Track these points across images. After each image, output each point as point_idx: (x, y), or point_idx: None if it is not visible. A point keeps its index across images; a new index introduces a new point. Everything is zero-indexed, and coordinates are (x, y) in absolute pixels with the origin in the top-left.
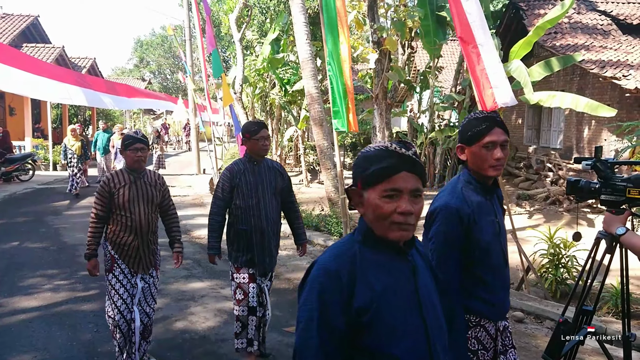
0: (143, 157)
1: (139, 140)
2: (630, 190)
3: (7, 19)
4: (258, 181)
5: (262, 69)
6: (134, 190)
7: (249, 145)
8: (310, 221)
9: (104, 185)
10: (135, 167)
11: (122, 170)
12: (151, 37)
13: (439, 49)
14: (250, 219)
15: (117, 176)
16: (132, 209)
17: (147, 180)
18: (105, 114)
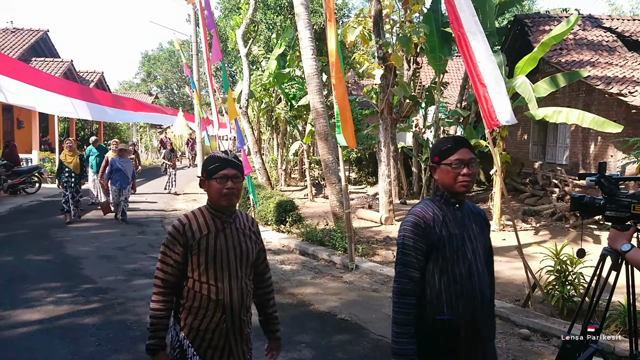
0: (237, 190)
1: (231, 164)
2: (635, 206)
3: (17, 33)
4: (465, 235)
5: (268, 83)
6: (222, 243)
7: (439, 175)
8: (314, 235)
9: (176, 233)
10: (224, 206)
11: (203, 210)
12: (158, 52)
13: (444, 64)
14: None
15: (195, 219)
16: (220, 273)
17: (239, 225)
18: (112, 127)
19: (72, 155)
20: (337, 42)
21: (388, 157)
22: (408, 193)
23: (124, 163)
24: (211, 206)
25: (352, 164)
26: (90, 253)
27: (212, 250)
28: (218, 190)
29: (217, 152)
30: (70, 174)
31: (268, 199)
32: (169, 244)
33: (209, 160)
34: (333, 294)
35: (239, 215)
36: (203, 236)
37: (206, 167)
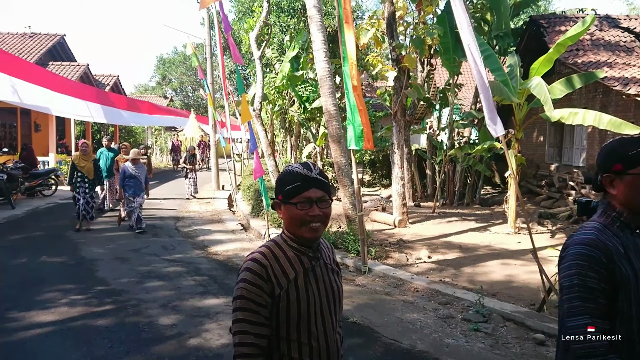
0: (325, 217)
1: (316, 183)
2: None
3: (35, 38)
4: None
5: (282, 86)
6: (313, 288)
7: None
8: (327, 238)
9: (259, 279)
10: (307, 238)
11: (280, 243)
12: (173, 55)
13: (458, 66)
14: None
15: (275, 257)
16: (315, 328)
17: (326, 259)
18: (128, 130)
19: (86, 159)
20: (353, 42)
21: (402, 159)
22: (422, 195)
23: (137, 169)
24: (291, 238)
25: (365, 166)
26: (105, 255)
27: (305, 298)
28: (300, 219)
29: (296, 166)
30: (84, 178)
31: None
32: (250, 296)
33: (286, 177)
34: (345, 297)
35: (323, 246)
36: (291, 281)
37: (282, 186)
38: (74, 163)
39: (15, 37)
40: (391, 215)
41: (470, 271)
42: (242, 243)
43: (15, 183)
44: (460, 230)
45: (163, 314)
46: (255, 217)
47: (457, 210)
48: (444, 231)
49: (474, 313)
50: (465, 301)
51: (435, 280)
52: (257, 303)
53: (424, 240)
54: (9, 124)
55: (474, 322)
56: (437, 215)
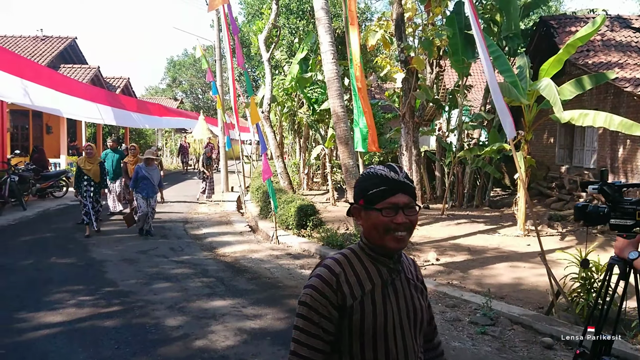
0: (412, 225)
1: (404, 187)
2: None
3: (46, 41)
4: None
5: (290, 88)
6: (392, 303)
7: None
8: (335, 240)
9: (327, 288)
10: (390, 248)
11: (357, 251)
12: (183, 58)
13: (467, 67)
14: None
15: (350, 266)
16: (394, 345)
17: (408, 273)
18: (138, 132)
19: (91, 162)
20: (360, 46)
21: (410, 161)
22: (431, 197)
23: (150, 170)
24: (370, 247)
25: None
26: (113, 256)
27: (382, 313)
28: (383, 227)
29: (380, 168)
30: (90, 182)
31: (289, 203)
32: (314, 305)
33: (369, 180)
34: None
35: (404, 259)
36: (367, 293)
37: (364, 190)
38: (79, 167)
39: (27, 40)
40: None
41: (478, 274)
42: (249, 245)
43: (27, 185)
44: (469, 232)
45: (170, 315)
46: (263, 219)
47: (466, 213)
48: (452, 233)
49: (482, 316)
50: (473, 304)
51: (443, 283)
52: (320, 314)
53: (432, 242)
54: (21, 126)
55: (481, 325)
56: (445, 217)
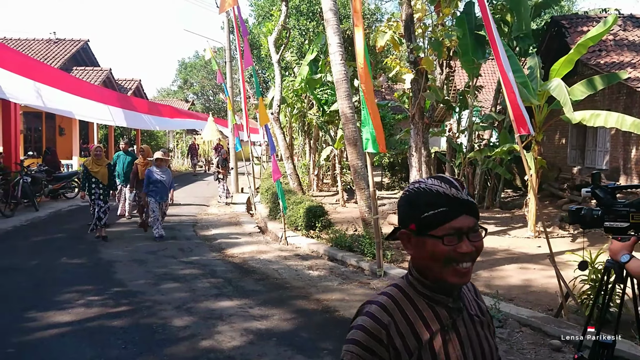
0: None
1: (469, 207)
2: (634, 215)
3: (59, 44)
4: None
5: (300, 89)
6: (456, 348)
7: None
8: (343, 241)
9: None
10: (452, 284)
11: (405, 288)
12: (194, 60)
13: (477, 68)
14: None
15: (400, 310)
16: None
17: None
18: (149, 134)
19: (99, 164)
20: (365, 45)
21: (420, 162)
22: None
23: (162, 173)
24: (424, 284)
25: (384, 169)
26: (123, 257)
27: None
28: (444, 257)
29: (434, 183)
30: (98, 184)
31: (298, 204)
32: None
33: (423, 198)
34: (359, 300)
35: (465, 290)
36: (424, 345)
37: (416, 211)
38: (87, 168)
39: (40, 43)
40: None
41: (487, 275)
42: (258, 246)
43: (39, 186)
44: None
45: (177, 315)
46: (272, 220)
47: None
48: None
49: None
50: None
51: None
52: None
53: None
54: (35, 128)
55: None
56: None
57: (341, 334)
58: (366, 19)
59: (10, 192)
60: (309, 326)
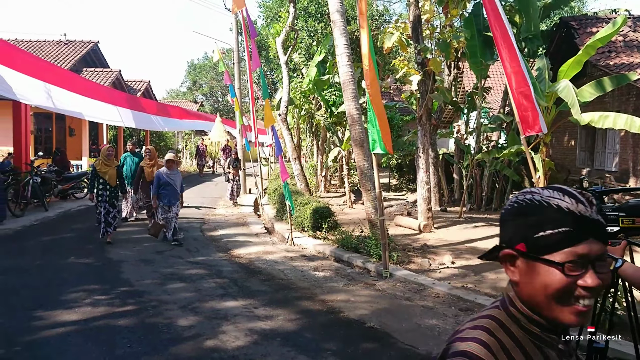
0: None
1: (596, 228)
2: (623, 219)
3: (70, 45)
4: None
5: (308, 90)
6: None
7: None
8: (350, 242)
9: None
10: (573, 323)
11: (504, 321)
12: (203, 61)
13: (486, 69)
14: None
15: (502, 350)
16: None
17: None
18: (158, 134)
19: (108, 165)
20: (370, 46)
21: (427, 163)
22: (449, 200)
23: (172, 175)
24: (531, 319)
25: (392, 171)
26: (130, 257)
27: None
28: (562, 291)
29: (555, 195)
30: (105, 186)
31: (305, 205)
32: None
33: (536, 212)
34: (364, 301)
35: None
36: None
37: (528, 228)
38: (95, 169)
39: (51, 45)
40: (416, 220)
41: (494, 277)
42: (265, 246)
43: (49, 186)
44: (487, 235)
45: (182, 315)
46: (279, 221)
47: (485, 216)
48: (469, 236)
49: None
50: None
51: (457, 286)
52: None
53: (448, 245)
54: (45, 129)
55: None
56: (463, 221)
57: (345, 335)
58: (374, 21)
59: (21, 192)
60: (314, 327)
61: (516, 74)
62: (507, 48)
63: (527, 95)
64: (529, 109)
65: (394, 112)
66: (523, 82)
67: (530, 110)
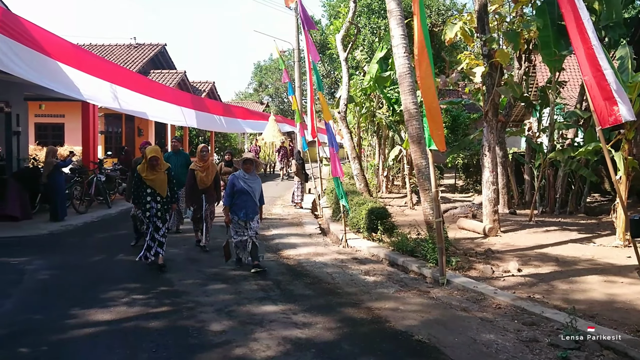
0: None
1: None
2: None
3: (139, 48)
4: None
5: (369, 88)
6: None
7: None
8: (406, 246)
9: None
10: None
11: None
12: (269, 62)
13: (560, 61)
14: None
15: None
16: None
17: None
18: (223, 134)
19: (155, 170)
20: (425, 34)
21: (493, 162)
22: (519, 202)
23: (251, 181)
24: None
25: (458, 171)
26: (178, 255)
27: None
28: None
29: None
30: (155, 197)
31: (360, 206)
32: None
33: None
34: (414, 310)
35: None
36: None
37: None
38: (139, 175)
39: (122, 48)
40: (481, 223)
41: (565, 287)
42: (316, 247)
43: (113, 184)
44: (559, 241)
45: (216, 319)
46: (335, 222)
47: (558, 219)
48: (539, 242)
49: (565, 337)
50: (555, 323)
51: (523, 297)
52: None
53: (515, 250)
54: (115, 129)
55: (563, 348)
56: (533, 224)
57: (388, 348)
58: (440, 15)
59: (85, 190)
60: (354, 337)
61: (589, 57)
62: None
63: (602, 82)
64: (605, 97)
65: (460, 109)
66: (596, 66)
67: (606, 99)
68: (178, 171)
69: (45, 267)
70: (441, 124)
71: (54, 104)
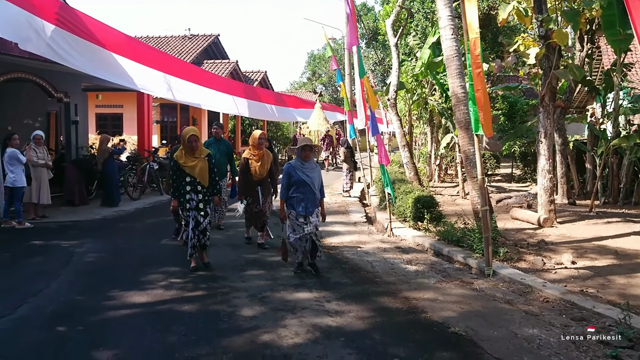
0: None
1: None
2: None
3: (193, 39)
4: None
5: (420, 74)
6: None
7: None
8: (452, 235)
9: None
10: None
11: None
12: (322, 51)
13: (626, 41)
14: None
15: None
16: None
17: None
18: (275, 123)
19: (194, 155)
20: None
21: (550, 150)
22: (579, 192)
23: (309, 170)
24: None
25: (515, 160)
26: (220, 241)
27: None
28: None
29: None
30: (195, 186)
31: (407, 194)
32: None
33: None
34: (454, 301)
35: None
36: None
37: None
38: (176, 162)
39: (176, 40)
40: (535, 213)
41: (623, 282)
42: (359, 236)
43: (166, 172)
44: (621, 233)
45: (248, 304)
46: (382, 210)
47: (622, 210)
48: (598, 233)
49: (616, 335)
50: (607, 319)
51: (574, 291)
52: None
53: (570, 242)
54: (170, 119)
55: (614, 346)
56: (594, 215)
57: (420, 340)
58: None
59: (139, 177)
60: (386, 327)
61: None
62: None
63: None
64: None
65: (518, 95)
66: None
67: None
68: (218, 160)
69: (94, 250)
70: (489, 107)
71: (112, 95)
